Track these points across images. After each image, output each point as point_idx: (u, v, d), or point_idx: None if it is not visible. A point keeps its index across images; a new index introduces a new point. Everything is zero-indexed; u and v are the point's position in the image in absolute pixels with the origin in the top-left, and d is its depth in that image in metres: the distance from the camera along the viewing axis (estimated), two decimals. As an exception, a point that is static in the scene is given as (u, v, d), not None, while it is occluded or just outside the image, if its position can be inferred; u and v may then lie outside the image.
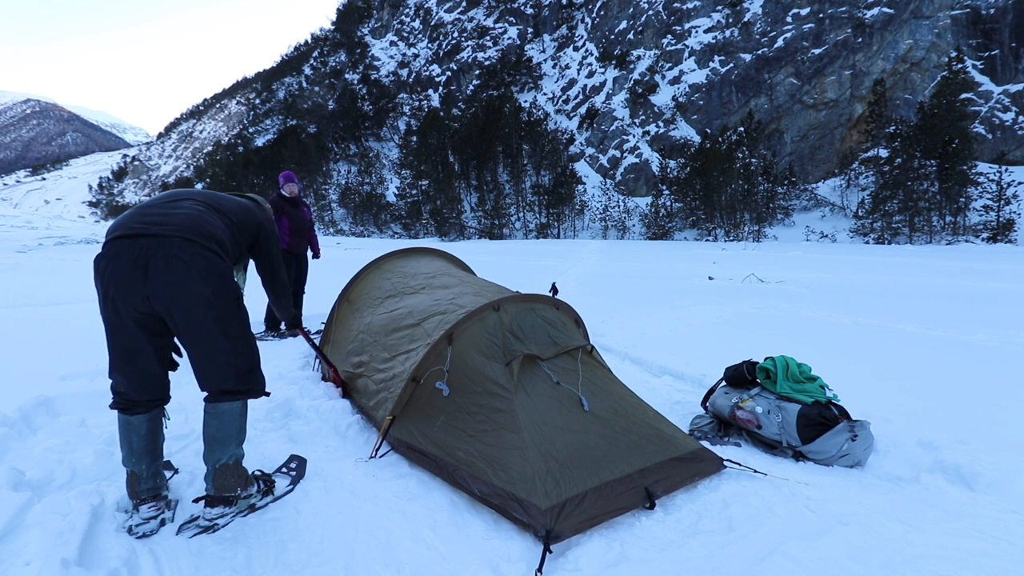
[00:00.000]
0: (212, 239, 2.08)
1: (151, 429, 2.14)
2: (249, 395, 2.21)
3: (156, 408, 2.18)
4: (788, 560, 1.89)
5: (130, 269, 1.93)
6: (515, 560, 1.93)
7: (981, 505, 2.31)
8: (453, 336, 2.83)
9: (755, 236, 37.98)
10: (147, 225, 2.01)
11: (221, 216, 2.23)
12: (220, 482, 2.11)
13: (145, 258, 1.94)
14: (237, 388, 2.15)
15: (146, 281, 1.93)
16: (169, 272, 1.94)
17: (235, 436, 2.16)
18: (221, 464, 2.12)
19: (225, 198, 2.38)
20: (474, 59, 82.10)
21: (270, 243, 2.48)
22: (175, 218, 2.06)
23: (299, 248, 5.82)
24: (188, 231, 2.02)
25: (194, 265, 1.97)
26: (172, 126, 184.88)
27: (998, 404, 3.48)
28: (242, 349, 2.15)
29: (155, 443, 2.17)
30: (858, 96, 44.48)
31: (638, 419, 2.62)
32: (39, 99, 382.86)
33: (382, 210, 61.48)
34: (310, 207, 6.19)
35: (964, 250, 22.22)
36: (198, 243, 2.01)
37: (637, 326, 5.88)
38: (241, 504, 2.19)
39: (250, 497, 2.24)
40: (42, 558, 1.74)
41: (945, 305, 7.41)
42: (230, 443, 2.14)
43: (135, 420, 2.11)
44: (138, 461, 2.11)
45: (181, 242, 1.98)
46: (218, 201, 2.30)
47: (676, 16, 58.24)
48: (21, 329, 5.09)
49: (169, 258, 1.94)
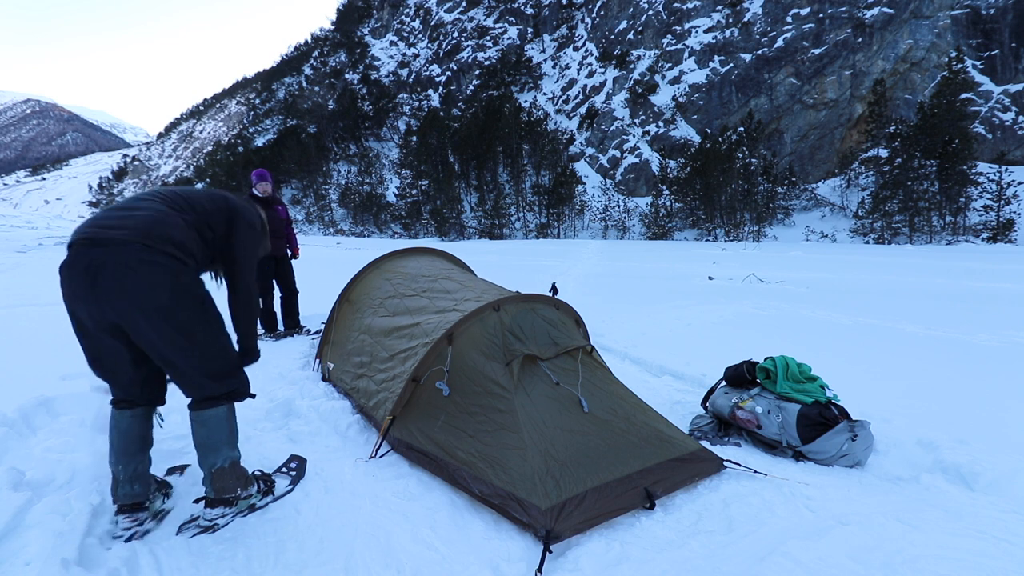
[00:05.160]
0: (167, 241, 1.96)
1: (132, 427, 2.08)
2: (232, 398, 2.15)
3: (140, 408, 2.11)
4: (788, 560, 1.89)
5: (81, 279, 1.86)
6: (515, 560, 1.93)
7: (981, 505, 2.31)
8: (453, 336, 2.83)
9: (755, 236, 37.96)
10: (101, 230, 1.90)
11: (184, 213, 2.08)
12: (219, 485, 2.09)
13: (95, 267, 1.85)
14: (217, 393, 2.09)
15: (96, 292, 1.85)
16: (119, 283, 1.84)
17: (225, 440, 2.11)
18: (217, 468, 2.09)
19: (194, 191, 2.24)
20: (474, 59, 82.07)
21: (242, 235, 2.24)
22: (130, 221, 1.95)
23: (277, 250, 5.63)
24: (141, 235, 1.91)
25: (145, 274, 1.87)
26: (172, 126, 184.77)
27: (998, 404, 3.48)
28: (214, 353, 2.06)
29: (135, 444, 2.09)
30: (858, 96, 44.44)
31: (638, 419, 2.62)
32: (39, 99, 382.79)
33: (382, 210, 61.43)
34: (286, 206, 6.01)
35: (964, 250, 22.21)
36: (151, 248, 1.90)
37: (637, 326, 5.88)
38: (241, 504, 2.17)
39: (250, 497, 2.22)
40: (42, 558, 1.74)
41: (945, 305, 7.40)
42: (221, 447, 2.10)
43: (117, 414, 2.09)
44: (116, 460, 2.07)
45: (132, 248, 1.87)
46: (184, 196, 2.16)
47: (676, 16, 58.20)
48: (21, 329, 5.09)
49: (118, 267, 1.84)
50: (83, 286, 1.86)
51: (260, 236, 2.39)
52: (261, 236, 2.40)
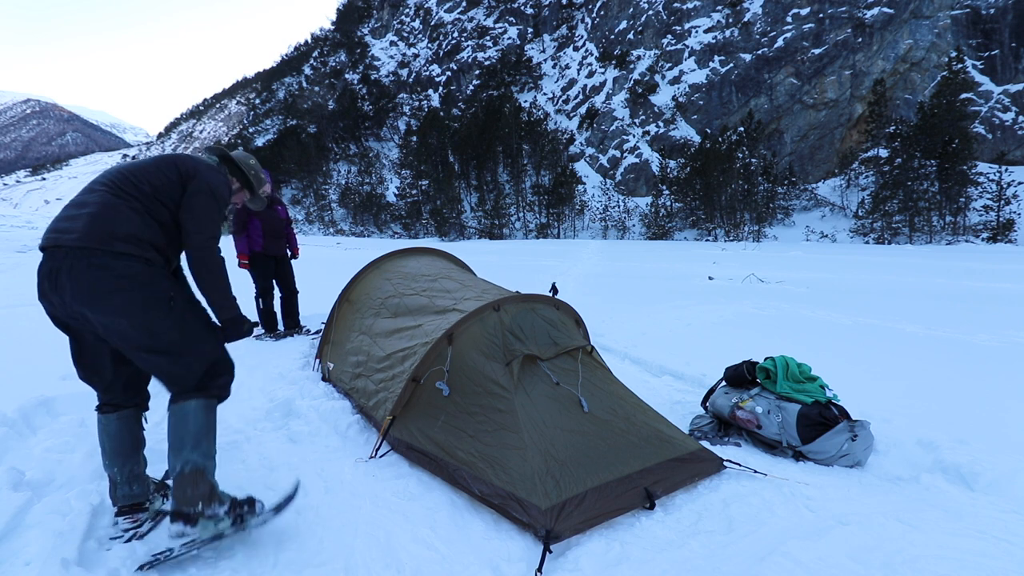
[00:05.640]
0: (111, 238, 1.86)
1: (120, 430, 2.07)
2: (205, 394, 2.00)
3: (126, 410, 2.09)
4: (788, 560, 1.89)
5: (45, 283, 1.87)
6: (515, 560, 1.93)
7: (981, 505, 2.31)
8: (453, 336, 2.83)
9: (755, 236, 37.96)
10: (55, 235, 1.89)
11: (130, 200, 1.94)
12: (177, 493, 1.87)
13: (54, 273, 1.84)
14: (189, 387, 1.98)
15: (58, 295, 1.85)
16: (75, 286, 1.82)
17: (191, 437, 1.92)
18: (176, 472, 1.89)
19: (144, 165, 2.06)
20: (474, 59, 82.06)
21: (191, 199, 2.02)
22: (78, 221, 1.89)
23: (276, 250, 5.60)
24: (86, 237, 1.84)
25: (92, 279, 1.81)
26: (172, 126, 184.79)
27: (998, 404, 3.48)
28: (182, 350, 1.95)
29: (125, 446, 2.07)
30: (858, 96, 44.44)
31: (638, 419, 2.62)
32: (39, 99, 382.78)
33: (382, 210, 61.43)
34: (286, 206, 5.95)
35: (964, 250, 22.22)
36: (94, 250, 1.83)
37: (637, 326, 5.87)
38: (205, 526, 1.84)
39: (216, 519, 1.86)
40: (42, 558, 1.74)
41: (945, 305, 7.41)
42: (184, 447, 1.90)
43: (103, 418, 2.08)
44: (110, 463, 2.06)
45: (78, 253, 1.82)
46: (132, 176, 2.00)
47: (676, 16, 58.20)
48: (21, 329, 5.10)
49: (72, 271, 1.82)
50: (49, 290, 1.87)
51: (216, 203, 2.09)
52: (217, 203, 2.10)
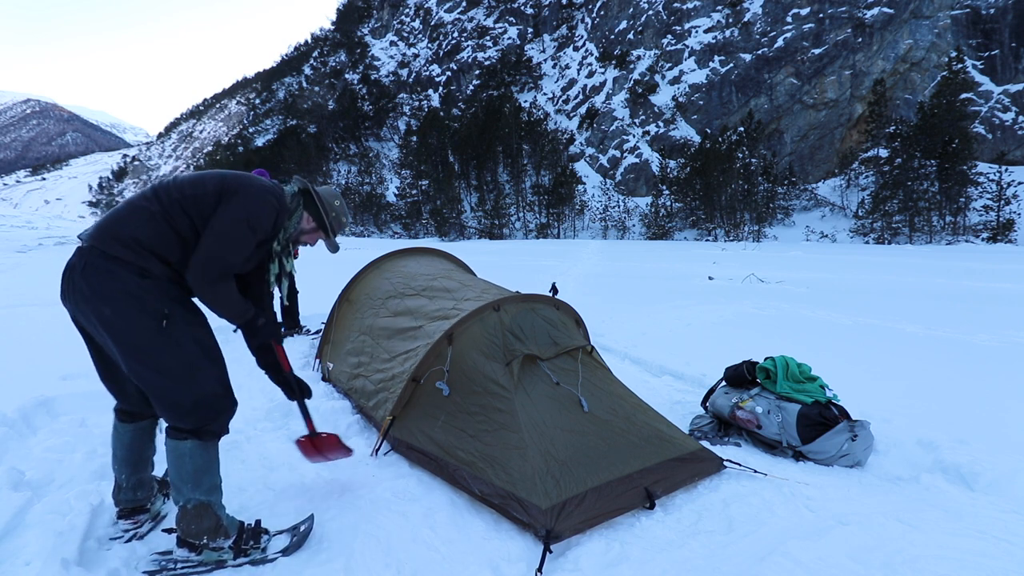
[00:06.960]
0: (115, 240, 1.73)
1: (135, 440, 2.05)
2: (195, 436, 1.83)
3: (143, 422, 2.06)
4: (788, 560, 1.89)
5: (64, 282, 1.80)
6: (515, 560, 1.93)
7: (981, 505, 2.31)
8: (453, 336, 2.83)
9: (755, 236, 37.97)
10: (85, 231, 1.83)
11: (155, 203, 1.80)
12: (182, 525, 1.85)
13: (69, 270, 1.77)
14: (178, 426, 1.82)
15: (73, 295, 1.77)
16: (74, 289, 1.75)
17: (190, 478, 1.82)
18: (180, 506, 1.85)
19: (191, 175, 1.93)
20: (474, 59, 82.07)
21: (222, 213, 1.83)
22: (100, 220, 1.83)
23: None
24: (93, 236, 1.76)
25: (93, 280, 1.71)
26: (172, 126, 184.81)
27: (998, 404, 3.48)
28: (172, 380, 1.77)
29: (137, 455, 2.07)
30: (858, 96, 44.46)
31: (638, 419, 2.62)
32: (39, 99, 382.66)
33: (382, 210, 61.45)
34: None
35: (964, 250, 22.23)
36: (99, 251, 1.73)
37: (637, 326, 5.88)
38: (208, 555, 1.86)
39: (220, 551, 1.86)
40: (42, 558, 1.74)
41: (945, 305, 7.41)
42: (183, 486, 1.82)
43: (120, 426, 2.06)
44: (120, 469, 2.06)
45: (88, 251, 1.75)
46: (174, 182, 1.88)
47: (676, 16, 58.21)
48: (21, 329, 5.09)
49: (81, 271, 1.73)
50: (64, 289, 1.81)
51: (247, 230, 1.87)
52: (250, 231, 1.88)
